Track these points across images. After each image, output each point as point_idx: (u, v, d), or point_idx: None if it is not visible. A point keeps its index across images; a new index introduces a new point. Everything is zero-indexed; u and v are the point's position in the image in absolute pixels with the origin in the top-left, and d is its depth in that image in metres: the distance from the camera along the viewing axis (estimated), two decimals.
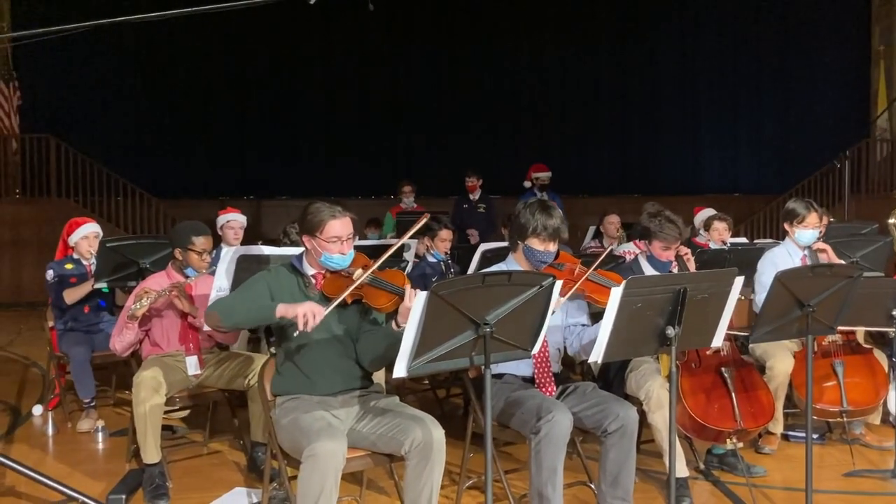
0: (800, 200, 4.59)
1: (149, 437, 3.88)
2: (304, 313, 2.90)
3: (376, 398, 3.24)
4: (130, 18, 3.13)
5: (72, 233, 5.41)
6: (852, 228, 6.50)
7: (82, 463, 4.50)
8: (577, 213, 10.54)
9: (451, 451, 4.04)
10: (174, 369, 4.08)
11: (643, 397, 3.77)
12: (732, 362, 3.92)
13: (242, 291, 3.19)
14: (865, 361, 4.41)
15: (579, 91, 13.45)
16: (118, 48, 11.82)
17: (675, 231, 3.89)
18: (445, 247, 5.67)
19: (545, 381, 3.54)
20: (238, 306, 3.06)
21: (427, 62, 13.00)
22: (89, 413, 5.10)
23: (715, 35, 13.79)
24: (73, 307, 5.23)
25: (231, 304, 3.10)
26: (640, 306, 2.87)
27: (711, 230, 5.94)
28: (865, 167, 12.56)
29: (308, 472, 2.82)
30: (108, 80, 12.15)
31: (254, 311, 3.05)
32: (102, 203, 11.41)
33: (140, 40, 11.90)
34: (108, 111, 12.17)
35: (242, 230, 6.24)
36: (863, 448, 4.58)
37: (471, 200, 9.09)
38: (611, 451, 3.33)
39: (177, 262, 4.17)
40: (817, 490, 3.77)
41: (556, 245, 3.57)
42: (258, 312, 3.05)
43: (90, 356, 5.06)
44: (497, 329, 2.71)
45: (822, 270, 3.45)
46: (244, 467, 4.35)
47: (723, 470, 4.22)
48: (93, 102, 12.11)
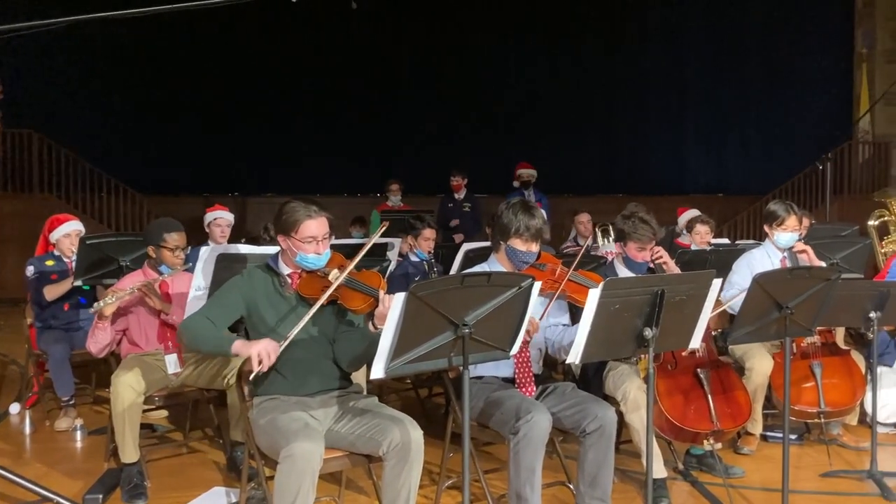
0: (780, 203, 4.62)
1: (127, 436, 3.86)
2: (259, 353, 2.92)
3: (355, 399, 3.23)
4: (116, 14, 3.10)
5: (53, 230, 5.37)
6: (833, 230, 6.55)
7: (60, 462, 4.47)
8: (563, 213, 10.57)
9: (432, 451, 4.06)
10: (153, 368, 4.06)
11: (620, 398, 3.78)
12: (709, 363, 3.93)
13: (214, 307, 3.17)
14: (843, 363, 4.45)
15: (566, 91, 13.45)
16: (103, 43, 11.71)
17: (648, 231, 3.90)
18: (429, 246, 5.67)
19: (525, 382, 3.55)
20: (201, 335, 3.08)
21: (414, 60, 12.98)
22: (68, 411, 5.06)
23: (701, 37, 13.84)
24: (53, 304, 5.19)
25: (196, 329, 3.10)
26: (618, 307, 2.88)
27: (693, 233, 5.96)
28: (848, 169, 12.65)
29: (285, 472, 2.81)
30: (92, 75, 12.05)
31: (213, 344, 3.09)
32: (86, 199, 11.32)
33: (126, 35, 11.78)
34: (91, 106, 12.07)
35: (230, 228, 6.22)
36: (840, 448, 4.62)
37: (456, 199, 9.11)
38: (589, 452, 3.34)
39: (151, 260, 4.16)
40: (794, 490, 3.80)
41: (538, 245, 3.59)
42: (217, 346, 3.10)
43: (69, 354, 5.02)
44: (476, 330, 2.72)
45: (800, 273, 3.48)
46: (223, 467, 4.33)
47: (701, 470, 4.25)
48: (76, 97, 12.01)
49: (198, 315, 3.16)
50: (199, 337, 3.08)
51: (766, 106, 13.74)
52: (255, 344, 2.96)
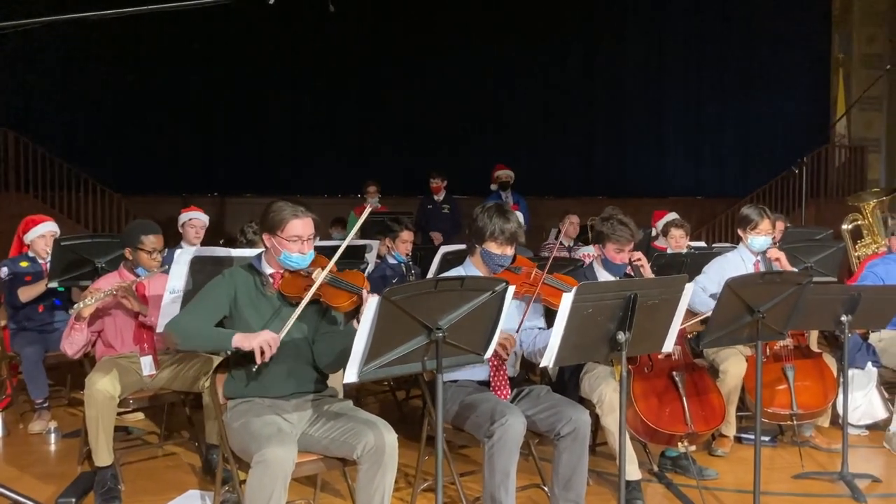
0: (753, 207, 4.67)
1: (101, 439, 3.83)
2: (261, 345, 2.93)
3: (330, 402, 3.23)
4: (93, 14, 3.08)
5: (28, 231, 5.32)
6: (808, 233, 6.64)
7: (33, 465, 4.43)
8: (542, 215, 10.62)
9: (409, 454, 4.07)
10: (128, 370, 4.03)
11: (596, 400, 3.81)
12: (684, 366, 3.97)
13: (200, 306, 3.14)
14: (815, 366, 4.49)
15: (546, 94, 13.50)
16: (79, 41, 11.59)
17: (626, 233, 3.94)
18: (406, 248, 5.67)
19: (500, 385, 3.56)
20: (196, 332, 3.04)
21: (394, 61, 12.95)
22: (42, 414, 5.02)
23: (680, 42, 13.94)
24: (27, 306, 5.15)
25: (189, 327, 3.06)
26: (591, 311, 2.90)
27: (669, 237, 6.00)
28: (825, 172, 12.80)
29: (257, 477, 2.81)
30: (69, 73, 11.91)
31: (211, 339, 3.06)
32: (62, 198, 11.20)
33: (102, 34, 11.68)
34: (68, 105, 11.95)
35: (204, 229, 6.21)
36: (812, 450, 4.68)
37: (435, 201, 9.11)
38: (563, 454, 3.36)
39: (128, 262, 4.14)
40: (766, 492, 3.84)
41: (512, 249, 3.60)
42: (216, 342, 3.07)
43: (43, 356, 4.98)
44: (449, 334, 2.73)
45: (771, 277, 3.51)
46: (199, 470, 4.31)
47: (676, 472, 4.28)
48: (53, 96, 11.88)
49: (185, 316, 3.14)
50: (196, 336, 3.05)
51: (745, 109, 13.86)
52: (256, 336, 2.95)
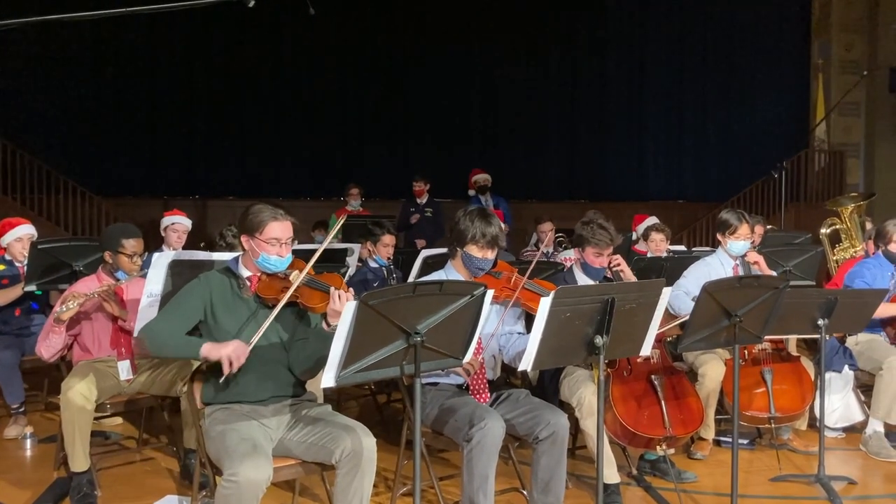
0: (732, 211, 4.69)
1: (77, 444, 3.79)
2: (228, 356, 2.92)
3: (308, 407, 3.21)
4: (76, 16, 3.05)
5: (4, 233, 5.27)
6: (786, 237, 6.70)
7: (8, 471, 4.38)
8: (525, 218, 10.63)
9: (389, 458, 4.06)
10: (105, 375, 3.99)
11: (575, 404, 3.82)
12: (662, 370, 3.99)
13: (173, 312, 3.13)
14: (793, 369, 4.53)
15: (528, 98, 13.53)
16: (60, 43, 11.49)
17: (606, 237, 3.96)
18: (388, 252, 5.65)
19: (479, 389, 3.56)
20: (166, 339, 3.04)
21: (376, 65, 12.94)
22: (17, 419, 4.96)
23: (662, 47, 14.02)
24: (4, 310, 5.09)
25: (160, 334, 3.05)
26: (568, 315, 2.91)
27: (649, 241, 6.04)
28: (805, 177, 12.92)
29: (225, 495, 2.78)
30: (49, 74, 11.79)
31: (181, 348, 3.06)
32: (42, 201, 11.07)
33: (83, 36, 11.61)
34: (48, 107, 11.81)
35: (186, 234, 6.19)
36: (790, 453, 4.72)
37: (418, 205, 9.11)
38: (542, 458, 3.37)
39: (107, 266, 4.10)
40: (743, 495, 3.86)
41: (494, 252, 3.60)
42: (185, 351, 3.07)
43: (19, 360, 4.93)
44: (428, 338, 2.72)
45: (749, 281, 3.53)
46: (177, 474, 4.28)
47: (655, 476, 4.30)
48: (32, 98, 11.74)
49: (158, 321, 3.12)
50: (165, 343, 3.05)
51: (725, 114, 13.97)
52: (224, 346, 2.95)
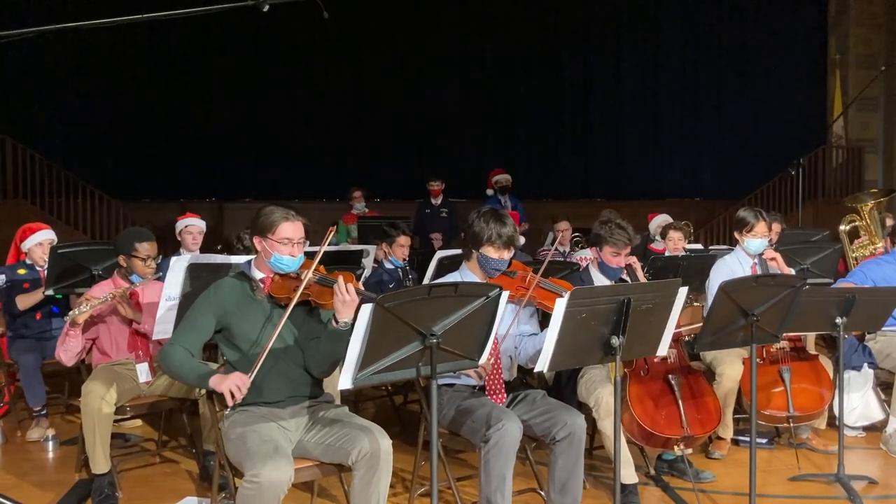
0: (749, 209, 4.67)
1: (97, 446, 3.84)
2: (230, 388, 2.96)
3: (325, 408, 3.23)
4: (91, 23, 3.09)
5: (25, 239, 5.33)
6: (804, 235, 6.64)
7: (31, 473, 4.43)
8: (540, 218, 10.61)
9: (406, 459, 4.07)
10: (125, 378, 4.04)
11: (593, 404, 3.81)
12: (680, 369, 3.98)
13: (189, 331, 3.18)
14: (811, 368, 4.50)
15: (543, 97, 13.51)
16: (76, 48, 11.61)
17: (624, 237, 3.95)
18: (403, 253, 5.67)
19: (496, 390, 3.56)
20: (179, 366, 3.11)
21: (391, 66, 12.97)
22: (39, 422, 5.02)
23: (677, 44, 13.95)
24: (25, 313, 5.15)
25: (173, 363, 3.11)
26: (584, 316, 2.90)
27: (667, 239, 6.01)
28: (822, 173, 12.80)
29: (248, 496, 2.80)
30: (67, 79, 11.92)
31: (192, 378, 3.13)
32: (61, 205, 11.19)
33: (99, 41, 11.71)
34: (66, 112, 11.96)
35: (202, 235, 6.22)
36: (809, 452, 4.68)
37: (433, 205, 9.12)
38: (559, 459, 3.36)
39: (122, 269, 4.15)
40: (762, 494, 3.85)
41: (510, 253, 3.60)
42: (196, 382, 3.15)
43: (41, 363, 4.99)
44: (444, 340, 2.73)
45: (765, 280, 3.51)
46: (196, 476, 4.31)
47: (673, 475, 4.28)
48: (50, 103, 11.90)
49: (173, 345, 3.17)
50: (180, 370, 3.12)
51: (741, 111, 13.85)
52: (226, 379, 3.00)
